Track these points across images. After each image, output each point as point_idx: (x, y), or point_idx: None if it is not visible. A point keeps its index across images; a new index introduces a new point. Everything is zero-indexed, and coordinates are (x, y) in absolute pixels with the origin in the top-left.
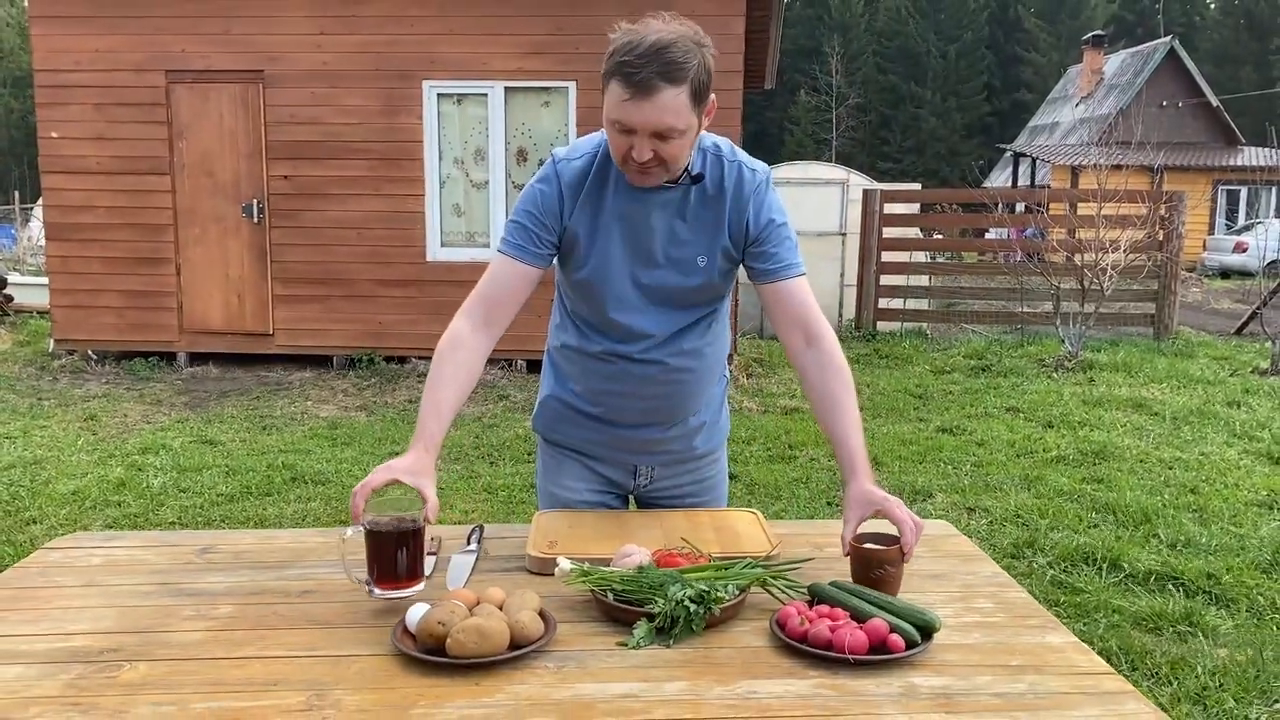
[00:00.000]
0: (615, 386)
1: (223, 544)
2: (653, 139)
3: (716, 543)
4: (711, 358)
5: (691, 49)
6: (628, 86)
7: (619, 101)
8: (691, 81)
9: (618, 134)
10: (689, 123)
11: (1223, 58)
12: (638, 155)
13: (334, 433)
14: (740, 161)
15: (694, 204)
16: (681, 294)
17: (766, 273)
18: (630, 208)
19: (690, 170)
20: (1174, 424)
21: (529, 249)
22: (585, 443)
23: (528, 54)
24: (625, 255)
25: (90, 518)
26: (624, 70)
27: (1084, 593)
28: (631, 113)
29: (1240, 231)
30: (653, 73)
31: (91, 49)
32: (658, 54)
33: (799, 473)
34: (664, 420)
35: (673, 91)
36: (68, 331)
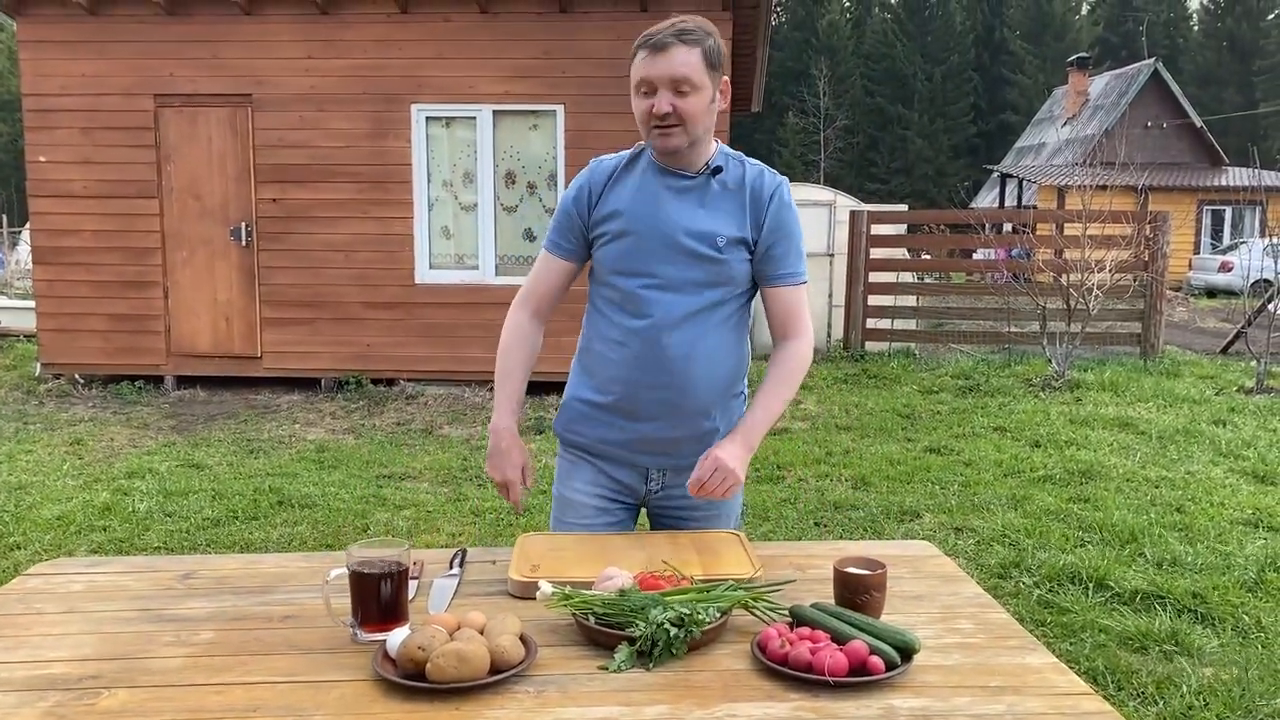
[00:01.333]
0: (630, 373)
1: (205, 569)
2: (671, 94)
3: (699, 565)
4: (726, 360)
5: (705, 29)
6: (647, 49)
7: (640, 63)
8: (704, 49)
9: (641, 98)
10: (703, 82)
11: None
12: (658, 108)
13: (321, 456)
14: (762, 167)
15: (714, 193)
16: (700, 272)
17: (771, 276)
18: (656, 193)
19: (710, 164)
20: (1160, 443)
21: (563, 245)
22: (600, 443)
23: (515, 77)
24: (649, 232)
25: (75, 543)
26: (646, 39)
27: (1070, 612)
28: (650, 67)
29: (1225, 251)
30: (668, 36)
31: (80, 73)
32: (674, 25)
33: (787, 493)
34: (675, 415)
35: (685, 49)
36: (54, 355)
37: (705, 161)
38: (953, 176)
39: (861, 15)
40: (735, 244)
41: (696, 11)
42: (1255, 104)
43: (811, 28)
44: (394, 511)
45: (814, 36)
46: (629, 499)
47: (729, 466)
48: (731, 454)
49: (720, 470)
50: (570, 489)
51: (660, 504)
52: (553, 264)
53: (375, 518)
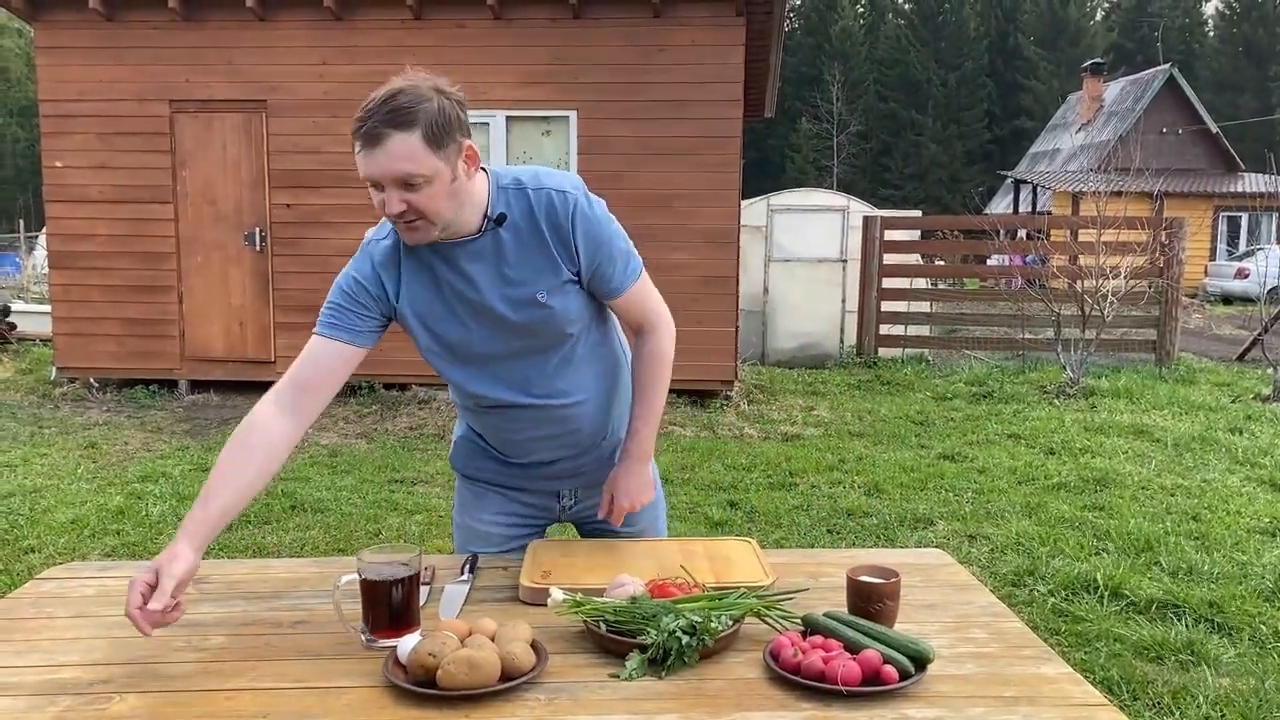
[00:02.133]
0: (512, 435)
1: (216, 574)
2: (400, 190)
3: (711, 572)
4: (604, 381)
5: (423, 95)
6: (360, 139)
7: (358, 156)
8: (424, 126)
9: (372, 191)
10: (432, 169)
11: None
12: (388, 208)
13: (334, 460)
14: (547, 189)
15: (510, 244)
16: (536, 337)
17: (608, 293)
18: (448, 269)
19: (490, 214)
20: (1176, 451)
21: (346, 326)
22: (500, 475)
23: (528, 83)
24: (462, 318)
25: (89, 546)
26: (357, 126)
27: (1085, 621)
28: (368, 164)
29: (1241, 258)
30: (378, 121)
31: (96, 79)
32: (384, 103)
33: (799, 500)
34: (571, 450)
35: (401, 137)
36: (70, 359)
37: (482, 214)
38: (966, 182)
39: (875, 21)
40: (559, 288)
41: (710, 19)
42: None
43: (825, 33)
44: (406, 516)
45: (827, 42)
46: (542, 520)
47: (632, 490)
48: (628, 481)
49: (621, 497)
50: (477, 520)
51: (577, 517)
52: (328, 348)
53: (387, 522)
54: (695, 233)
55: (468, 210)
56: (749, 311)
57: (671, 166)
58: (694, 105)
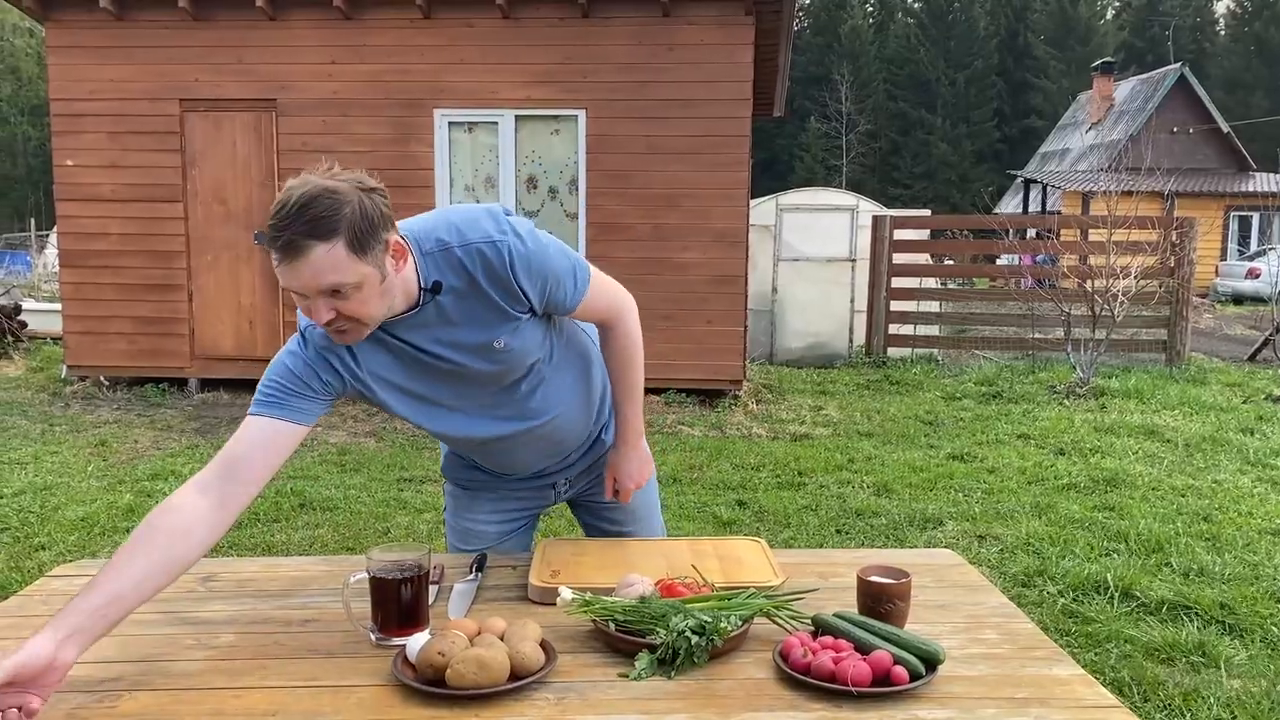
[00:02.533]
0: (499, 458)
1: (226, 572)
2: (326, 299)
3: (720, 572)
4: (581, 383)
5: (344, 198)
6: (278, 251)
7: (277, 268)
8: (347, 233)
9: (297, 298)
10: (359, 274)
11: (1234, 84)
12: (316, 318)
13: (343, 459)
14: (474, 244)
15: (452, 306)
16: (502, 377)
17: (565, 308)
18: (395, 345)
19: (424, 285)
20: (1187, 451)
21: (285, 403)
22: (491, 477)
23: (537, 82)
24: (422, 386)
25: (99, 544)
26: (272, 236)
27: (1095, 622)
28: (289, 278)
29: (1253, 257)
30: (296, 233)
31: (107, 78)
32: (300, 211)
33: (808, 500)
34: (557, 455)
35: (323, 248)
36: (80, 358)
37: (416, 290)
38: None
39: (884, 20)
40: (514, 331)
41: (719, 18)
42: None
43: (834, 32)
44: (415, 515)
45: (836, 41)
46: (536, 509)
47: (633, 471)
48: (625, 463)
49: (624, 480)
50: (471, 520)
51: (575, 499)
52: (266, 425)
53: (396, 521)
54: (704, 232)
55: (400, 297)
56: (757, 311)
57: (680, 165)
58: (703, 104)
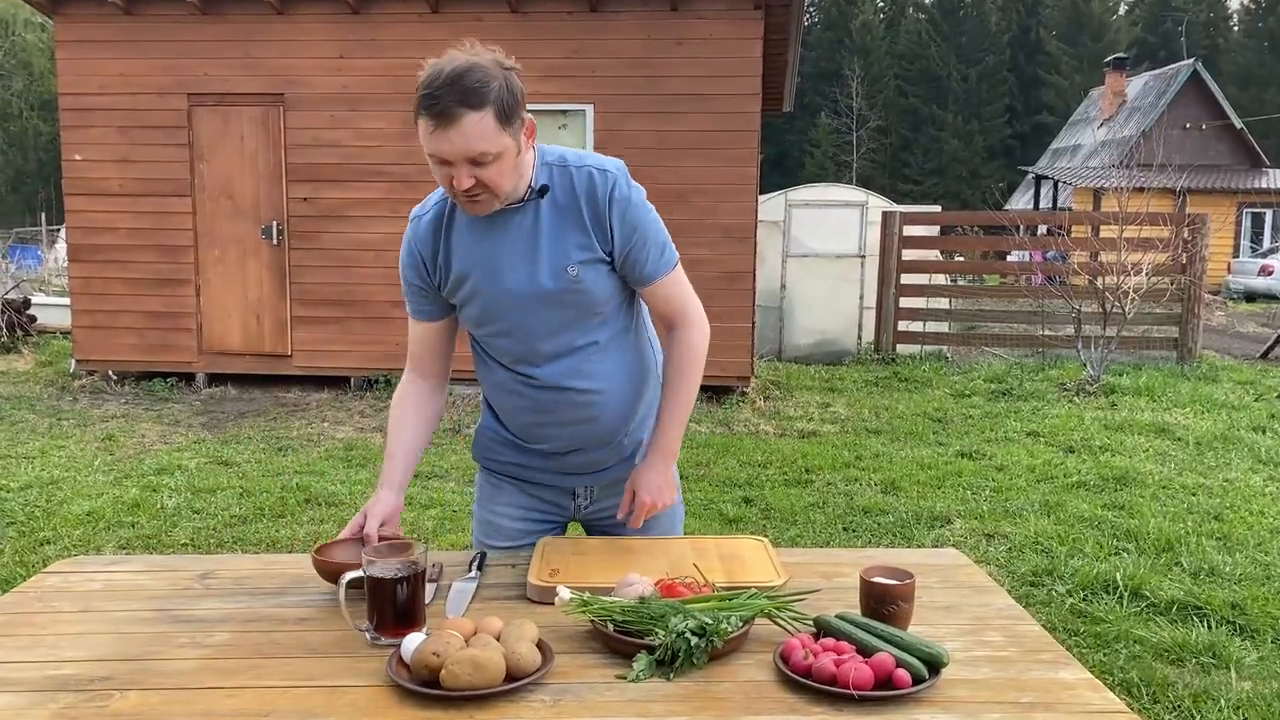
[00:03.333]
0: (532, 418)
1: (223, 569)
2: (469, 166)
3: (722, 572)
4: (629, 378)
5: (491, 73)
6: (431, 118)
7: (427, 135)
8: (495, 103)
9: (438, 167)
10: (502, 145)
11: (1247, 80)
12: (458, 184)
13: (349, 454)
14: (589, 166)
15: (547, 218)
16: (564, 309)
17: (639, 279)
18: (487, 239)
19: (534, 185)
20: (1198, 449)
21: (420, 307)
22: (521, 468)
23: (545, 77)
24: (496, 283)
25: (103, 539)
26: (426, 103)
27: (1104, 622)
28: (440, 143)
29: (1266, 254)
30: (452, 100)
31: (116, 73)
32: (455, 81)
33: (815, 497)
34: (591, 444)
35: (475, 116)
36: (88, 352)
37: (529, 184)
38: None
39: (895, 15)
40: (590, 265)
41: (727, 12)
42: None
43: (845, 28)
44: (420, 511)
45: (847, 37)
46: (556, 517)
47: (654, 488)
48: (651, 478)
49: (643, 493)
50: (494, 512)
51: (592, 517)
52: (420, 328)
53: (401, 517)
54: (713, 228)
55: (521, 181)
56: (766, 307)
57: (689, 161)
58: (712, 99)
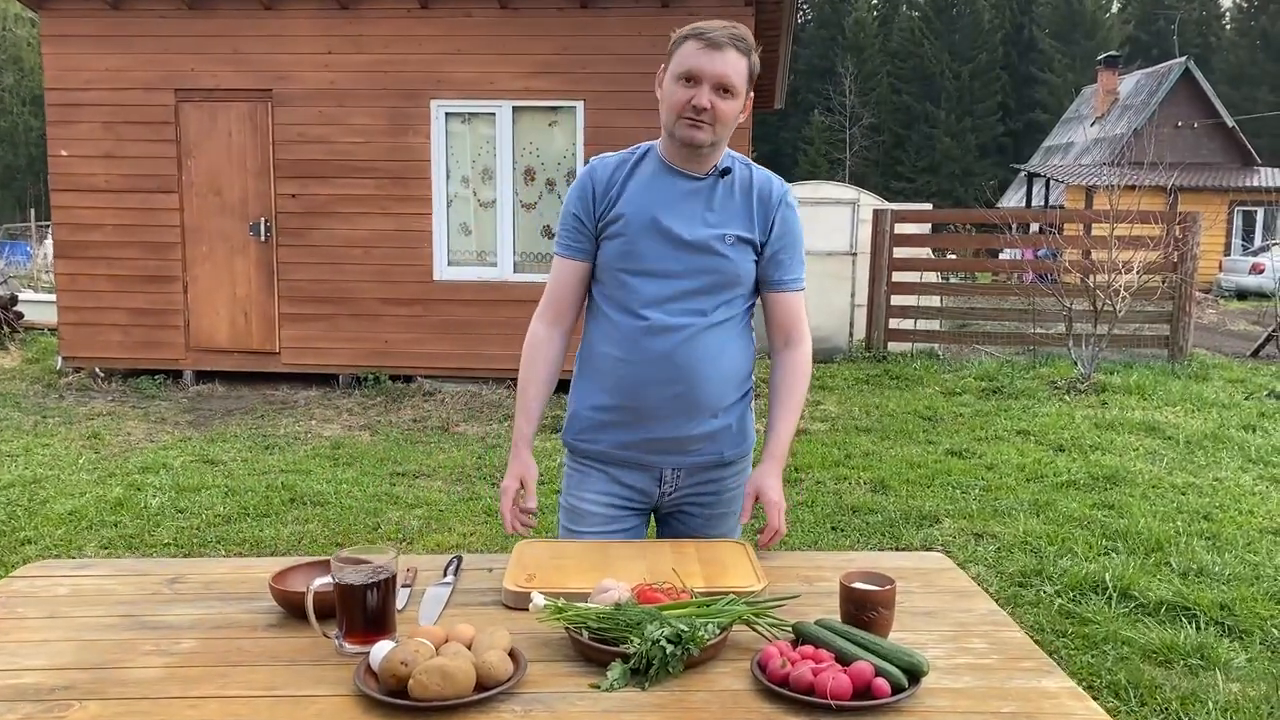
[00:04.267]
0: (638, 371)
1: (194, 573)
2: (714, 93)
3: (701, 576)
4: (735, 358)
5: (752, 43)
6: (703, 42)
7: (692, 53)
8: (750, 61)
9: (682, 87)
10: (742, 90)
11: (1238, 78)
12: (699, 101)
13: (336, 453)
14: (769, 173)
15: (721, 194)
16: (707, 269)
17: (776, 281)
18: (663, 193)
19: (718, 166)
20: (1188, 448)
21: (576, 245)
22: (613, 447)
23: (535, 73)
24: (655, 231)
25: (85, 538)
26: (700, 33)
27: (1093, 623)
28: (703, 61)
29: (1257, 253)
30: (724, 36)
31: (102, 68)
32: (730, 28)
33: (804, 496)
34: (684, 411)
35: (738, 56)
36: (75, 349)
37: (714, 164)
38: (979, 176)
39: (889, 13)
40: (743, 243)
41: (718, 9)
42: None
43: (838, 25)
44: (406, 510)
45: (840, 34)
46: (642, 504)
47: (776, 492)
48: (774, 483)
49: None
50: (580, 499)
51: (676, 503)
52: (566, 267)
53: (387, 516)
54: None
55: (719, 149)
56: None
57: None
58: None
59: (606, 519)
